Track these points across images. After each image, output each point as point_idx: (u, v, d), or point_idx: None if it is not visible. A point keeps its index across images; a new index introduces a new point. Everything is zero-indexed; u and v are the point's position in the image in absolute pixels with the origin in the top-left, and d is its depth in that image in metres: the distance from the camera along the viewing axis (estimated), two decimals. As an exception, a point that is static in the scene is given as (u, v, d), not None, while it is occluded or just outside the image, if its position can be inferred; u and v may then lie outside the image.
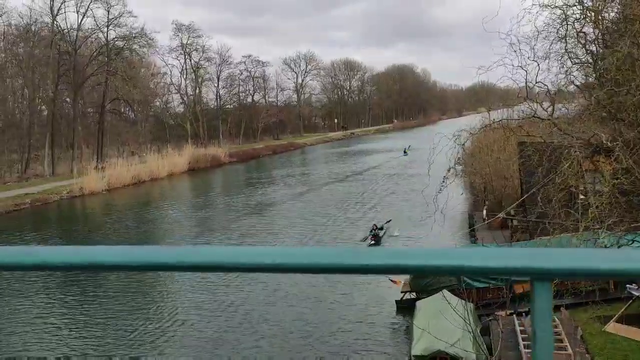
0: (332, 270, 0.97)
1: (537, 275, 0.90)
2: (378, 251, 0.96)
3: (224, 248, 1.02)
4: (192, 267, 1.01)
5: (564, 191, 10.73)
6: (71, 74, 59.17)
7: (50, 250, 1.05)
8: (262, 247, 1.01)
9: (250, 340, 16.95)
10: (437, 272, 0.96)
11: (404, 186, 43.22)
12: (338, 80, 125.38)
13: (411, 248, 1.02)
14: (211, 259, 1.00)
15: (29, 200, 41.91)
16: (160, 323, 18.53)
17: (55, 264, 1.04)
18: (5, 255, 1.07)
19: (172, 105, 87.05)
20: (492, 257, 0.92)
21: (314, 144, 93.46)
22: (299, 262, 0.97)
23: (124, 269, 1.03)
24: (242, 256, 0.99)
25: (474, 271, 0.94)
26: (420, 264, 0.94)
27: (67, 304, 20.66)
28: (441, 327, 13.64)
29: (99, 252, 1.03)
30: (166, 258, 1.01)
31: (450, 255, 0.95)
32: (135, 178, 52.20)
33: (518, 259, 0.91)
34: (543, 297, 0.91)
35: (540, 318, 0.90)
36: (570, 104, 14.69)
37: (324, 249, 0.98)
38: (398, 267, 0.95)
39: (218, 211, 39.06)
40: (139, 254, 1.03)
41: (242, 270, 1.00)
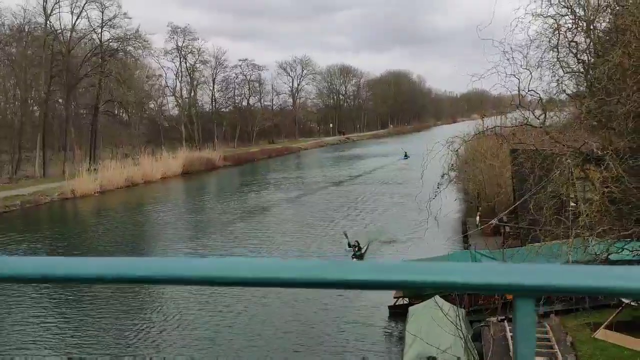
0: (314, 284, 0.95)
1: (520, 291, 0.90)
2: (361, 265, 0.96)
3: (199, 261, 1.00)
4: (167, 280, 1.00)
5: (555, 199, 10.81)
6: (64, 75, 58.92)
7: (30, 261, 1.02)
8: (242, 259, 0.99)
9: (238, 345, 16.89)
10: (420, 287, 0.95)
11: (398, 191, 43.30)
12: (334, 85, 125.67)
13: (394, 262, 1.02)
14: (190, 273, 0.98)
15: (19, 202, 41.63)
16: (151, 334, 18.41)
17: (36, 277, 1.01)
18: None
19: (167, 107, 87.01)
20: (475, 273, 0.92)
21: (309, 148, 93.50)
22: (279, 275, 0.95)
23: (108, 282, 1.01)
24: (216, 269, 0.98)
25: (457, 287, 0.93)
26: (403, 279, 0.94)
27: (56, 314, 20.25)
28: (433, 333, 13.66)
29: (79, 264, 1.00)
30: (147, 271, 0.99)
31: (434, 271, 0.94)
32: (129, 180, 51.98)
33: (501, 275, 0.91)
34: (526, 314, 0.90)
35: (523, 335, 0.90)
36: (561, 112, 14.82)
37: (304, 261, 0.97)
38: (380, 283, 0.95)
39: (211, 215, 38.97)
40: (123, 265, 1.01)
41: (218, 284, 0.97)
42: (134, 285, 1.00)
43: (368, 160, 71.30)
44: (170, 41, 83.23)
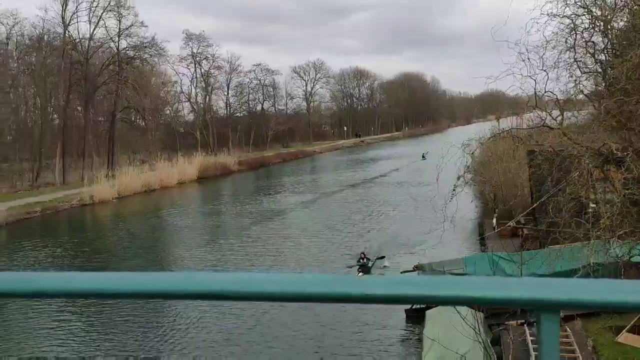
0: (330, 299, 0.95)
1: (544, 307, 0.89)
2: (380, 280, 0.95)
3: (212, 274, 1.00)
4: (181, 296, 1.01)
5: (574, 201, 10.67)
6: (82, 83, 59.80)
7: (50, 276, 1.03)
8: (254, 274, 0.99)
9: (253, 345, 16.92)
10: (441, 302, 0.95)
11: (413, 194, 43.10)
12: (347, 88, 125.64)
13: (414, 276, 1.02)
14: (203, 288, 0.98)
15: (40, 208, 42.26)
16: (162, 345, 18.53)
17: (56, 292, 1.02)
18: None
19: (182, 113, 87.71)
20: (497, 288, 0.92)
21: (324, 151, 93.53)
22: (294, 290, 0.96)
23: (122, 297, 1.02)
24: (231, 284, 0.98)
25: (479, 301, 0.93)
26: (423, 293, 0.94)
27: (66, 327, 20.08)
28: (452, 337, 13.55)
29: (98, 280, 1.01)
30: (158, 286, 0.99)
31: (455, 285, 0.94)
32: (146, 186, 52.47)
33: (524, 290, 0.90)
34: (550, 329, 0.90)
35: (548, 351, 0.90)
36: (579, 113, 14.64)
37: (322, 276, 0.97)
38: (400, 297, 0.95)
39: (228, 220, 39.15)
40: (137, 281, 1.01)
41: (233, 299, 0.99)
42: (159, 300, 0.99)
43: (383, 163, 71.12)
44: (185, 48, 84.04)
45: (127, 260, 28.03)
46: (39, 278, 1.02)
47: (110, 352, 17.16)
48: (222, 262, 26.48)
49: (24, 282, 1.02)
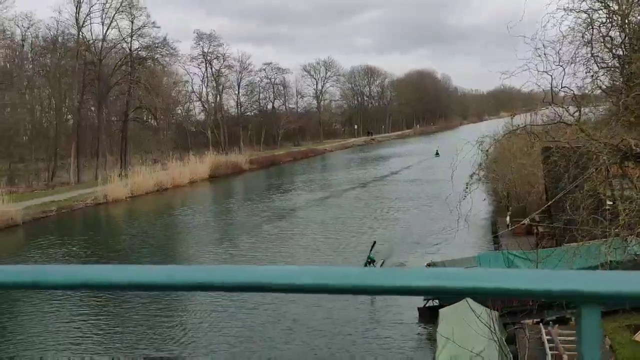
0: (371, 291, 0.94)
1: (585, 299, 0.88)
2: (417, 272, 0.94)
3: (252, 267, 1.00)
4: (208, 287, 0.99)
5: (592, 198, 10.54)
6: (96, 84, 60.32)
7: (72, 269, 1.04)
8: (293, 266, 0.99)
9: (265, 348, 16.95)
10: (477, 294, 0.93)
11: (426, 192, 42.94)
12: (358, 87, 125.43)
13: (450, 269, 1.00)
14: (242, 279, 0.98)
15: (55, 207, 42.71)
16: (174, 339, 18.63)
17: (72, 284, 1.03)
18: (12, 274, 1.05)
19: (194, 112, 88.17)
20: (537, 280, 0.90)
21: (334, 150, 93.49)
22: (334, 282, 0.95)
23: (136, 288, 1.02)
24: (271, 276, 0.97)
25: (517, 294, 0.91)
26: (460, 285, 0.93)
27: (82, 320, 20.46)
28: (466, 336, 13.45)
29: (112, 272, 1.01)
30: (171, 278, 0.98)
31: (491, 278, 0.92)
32: (158, 185, 52.83)
33: (564, 282, 0.89)
34: (591, 322, 0.88)
35: (589, 345, 0.88)
36: (596, 108, 14.44)
37: (359, 270, 0.96)
38: (437, 289, 0.94)
39: (240, 218, 39.28)
40: (151, 274, 1.00)
41: (274, 291, 0.98)
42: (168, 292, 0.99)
43: (394, 161, 70.93)
44: (196, 47, 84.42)
45: (142, 258, 28.29)
46: (46, 271, 1.03)
47: (118, 341, 17.30)
48: (236, 260, 26.57)
49: (35, 274, 1.03)
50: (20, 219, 37.72)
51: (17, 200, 40.84)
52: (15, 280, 1.07)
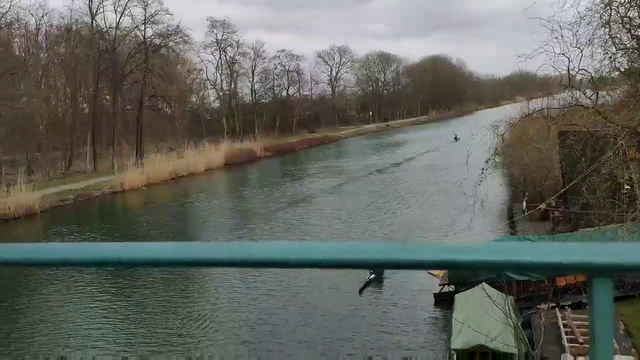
0: (386, 265, 0.96)
1: (597, 270, 0.87)
2: (429, 247, 0.94)
3: (281, 243, 1.01)
4: (245, 264, 1.01)
5: (608, 181, 10.39)
6: (110, 72, 60.68)
7: (94, 247, 1.07)
8: (311, 242, 1.00)
9: (284, 332, 17.12)
10: (490, 267, 0.94)
11: (441, 177, 42.73)
12: (372, 73, 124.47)
13: (464, 243, 1.00)
14: (265, 256, 1.00)
15: (73, 196, 43.33)
16: (195, 318, 18.91)
17: (98, 261, 1.07)
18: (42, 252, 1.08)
19: (208, 100, 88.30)
20: (548, 252, 0.89)
21: (349, 136, 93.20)
22: (353, 257, 0.96)
23: (157, 265, 1.05)
24: (292, 252, 0.99)
25: (529, 267, 0.90)
26: (473, 259, 0.92)
27: (97, 299, 21.17)
28: (481, 321, 13.45)
29: (132, 249, 1.05)
30: (205, 254, 1.01)
31: (503, 251, 0.92)
32: (174, 173, 53.24)
33: (576, 254, 0.88)
34: (603, 294, 0.87)
35: (600, 316, 0.87)
36: (614, 91, 14.17)
37: (374, 244, 0.97)
38: (450, 263, 0.94)
39: (255, 205, 39.50)
40: (173, 250, 1.03)
41: (293, 266, 0.99)
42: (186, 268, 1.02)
43: (409, 147, 70.58)
44: (210, 35, 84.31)
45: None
46: (67, 248, 1.06)
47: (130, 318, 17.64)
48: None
49: (50, 252, 1.06)
50: (39, 208, 38.33)
51: (35, 189, 41.47)
52: (29, 257, 1.10)
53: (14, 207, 37.00)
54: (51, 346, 17.08)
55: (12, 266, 1.10)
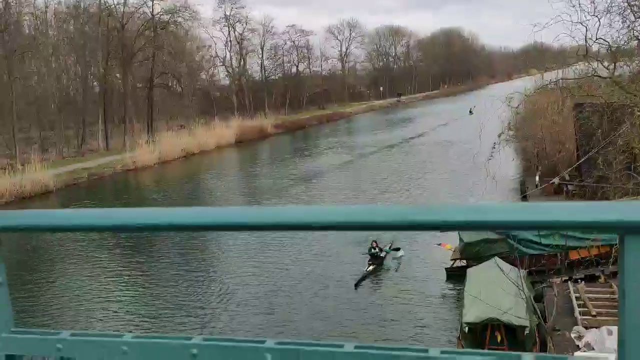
0: (413, 227, 0.95)
1: (630, 228, 0.86)
2: (458, 207, 0.94)
3: (294, 208, 1.03)
4: (266, 227, 1.03)
5: (625, 153, 10.22)
6: (120, 50, 60.55)
7: (123, 212, 1.10)
8: (333, 206, 1.00)
9: (296, 304, 17.29)
10: (519, 227, 0.92)
11: (454, 152, 42.45)
12: (383, 47, 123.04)
13: (491, 203, 0.98)
14: (282, 219, 1.01)
15: (86, 174, 43.73)
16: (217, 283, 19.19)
17: (129, 226, 1.10)
18: (78, 217, 1.12)
19: (218, 77, 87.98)
20: (580, 211, 0.88)
21: (360, 112, 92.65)
22: (377, 219, 0.96)
23: (181, 229, 1.09)
24: (313, 215, 1.00)
25: (561, 226, 0.89)
26: (502, 219, 0.91)
27: (117, 264, 22.07)
28: (493, 295, 13.48)
29: (159, 214, 1.07)
30: (234, 218, 1.03)
31: (533, 211, 0.91)
32: (185, 151, 53.44)
33: (608, 213, 0.87)
34: (635, 253, 0.86)
35: (631, 276, 0.87)
36: (632, 61, 13.84)
37: (398, 207, 0.96)
38: (478, 223, 0.93)
39: (267, 182, 39.62)
40: (195, 215, 1.05)
41: (314, 229, 1.00)
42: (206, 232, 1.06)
43: (421, 122, 70.06)
44: (219, 10, 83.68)
45: (174, 237, 29.11)
46: (115, 213, 1.10)
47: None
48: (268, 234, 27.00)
49: (101, 217, 1.10)
50: (53, 186, 38.78)
51: (49, 167, 41.88)
52: (49, 223, 1.13)
53: (29, 186, 37.46)
54: (69, 309, 17.56)
55: (38, 231, 1.16)
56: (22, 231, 1.18)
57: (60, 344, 1.19)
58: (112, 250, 24.11)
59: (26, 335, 1.22)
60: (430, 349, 1.01)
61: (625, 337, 0.87)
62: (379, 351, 1.02)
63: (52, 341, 1.20)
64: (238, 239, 23.47)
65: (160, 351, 1.14)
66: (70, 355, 1.19)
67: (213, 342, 1.12)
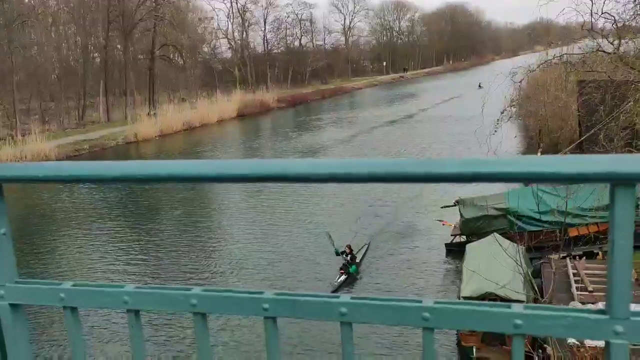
0: (408, 179, 0.97)
1: (619, 180, 0.87)
2: (448, 160, 0.96)
3: (294, 161, 1.05)
4: (263, 178, 1.06)
5: (627, 130, 10.19)
6: (121, 20, 59.85)
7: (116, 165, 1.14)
8: (330, 159, 1.01)
9: (290, 271, 17.47)
10: (509, 178, 0.93)
11: (456, 128, 42.28)
12: (387, 22, 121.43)
13: (482, 157, 0.99)
14: (282, 171, 1.04)
15: (88, 146, 43.74)
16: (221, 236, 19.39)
17: (119, 177, 1.13)
18: (80, 169, 1.15)
19: (220, 50, 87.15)
20: (568, 163, 0.89)
21: (363, 87, 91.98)
22: (377, 171, 0.97)
23: (180, 180, 1.11)
24: (315, 167, 1.01)
25: (550, 177, 0.90)
26: (493, 171, 0.92)
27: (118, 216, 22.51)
28: (491, 269, 13.60)
29: (158, 166, 1.11)
30: (263, 169, 1.05)
31: (523, 163, 0.92)
32: (187, 124, 53.28)
33: (597, 164, 0.88)
34: (624, 203, 0.87)
35: (620, 225, 0.88)
36: (638, 37, 13.67)
37: (396, 160, 0.98)
38: (470, 175, 0.93)
39: (270, 155, 39.60)
40: (192, 167, 1.08)
41: (316, 181, 1.02)
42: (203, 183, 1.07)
43: (424, 97, 69.60)
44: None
45: (177, 193, 29.30)
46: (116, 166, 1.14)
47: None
48: (266, 196, 27.09)
49: (104, 169, 1.14)
50: (54, 157, 38.83)
51: (50, 138, 41.88)
52: (52, 174, 1.18)
53: (30, 156, 37.55)
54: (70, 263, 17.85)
55: (41, 182, 1.18)
56: (25, 182, 1.20)
57: (63, 293, 1.22)
58: (112, 204, 24.84)
59: (30, 286, 1.24)
60: (423, 299, 1.02)
61: (613, 281, 0.90)
62: (374, 301, 1.05)
63: (55, 291, 1.23)
64: (237, 191, 24.22)
65: (161, 301, 1.17)
66: (73, 304, 1.22)
67: (212, 293, 1.15)
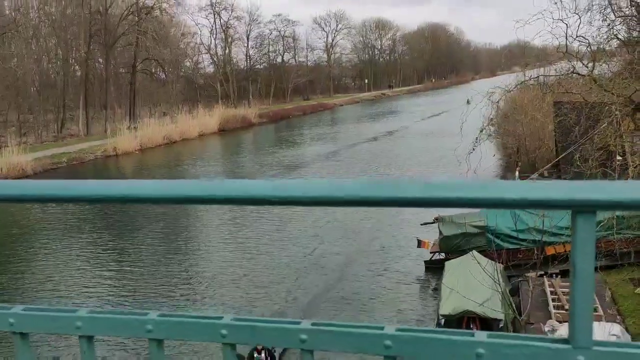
0: (369, 203, 0.94)
1: (579, 207, 0.87)
2: (415, 183, 0.93)
3: (251, 182, 1.01)
4: (225, 200, 1.02)
5: (601, 150, 10.41)
6: (102, 34, 59.54)
7: (84, 184, 1.08)
8: (298, 180, 0.98)
9: (277, 294, 17.33)
10: (475, 204, 0.92)
11: (435, 146, 42.72)
12: (369, 40, 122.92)
13: (449, 179, 0.98)
14: (226, 193, 1.00)
15: (66, 159, 43.09)
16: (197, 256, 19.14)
17: (89, 198, 1.08)
18: (44, 188, 1.10)
19: (203, 65, 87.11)
20: (532, 189, 0.89)
21: (344, 104, 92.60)
22: (335, 194, 0.95)
23: (157, 202, 1.05)
24: (273, 189, 0.98)
25: (514, 204, 0.90)
26: (458, 196, 0.91)
27: (94, 236, 22.04)
28: (470, 287, 13.66)
29: (131, 186, 1.05)
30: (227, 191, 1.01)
31: (489, 188, 0.91)
32: (167, 138, 52.92)
33: (559, 191, 0.87)
34: (585, 230, 0.87)
35: (581, 250, 0.88)
36: (611, 60, 14.06)
37: (358, 182, 0.95)
38: (435, 200, 0.92)
39: (249, 170, 39.47)
40: (170, 188, 1.03)
41: (272, 204, 0.99)
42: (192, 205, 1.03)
43: (404, 116, 70.28)
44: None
45: (153, 208, 28.89)
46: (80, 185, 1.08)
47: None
48: (247, 211, 26.94)
49: (64, 189, 1.09)
50: (31, 170, 38.14)
51: (27, 151, 41.16)
52: (21, 193, 1.11)
53: (5, 169, 36.81)
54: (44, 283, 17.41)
55: (9, 202, 1.13)
56: None
57: (13, 318, 1.17)
58: (72, 222, 24.40)
59: None
60: (385, 326, 1.01)
61: (575, 308, 0.90)
62: (335, 328, 1.02)
63: (3, 315, 1.18)
64: (206, 213, 23.96)
65: (115, 326, 1.12)
66: (24, 330, 1.17)
67: (168, 318, 1.11)
